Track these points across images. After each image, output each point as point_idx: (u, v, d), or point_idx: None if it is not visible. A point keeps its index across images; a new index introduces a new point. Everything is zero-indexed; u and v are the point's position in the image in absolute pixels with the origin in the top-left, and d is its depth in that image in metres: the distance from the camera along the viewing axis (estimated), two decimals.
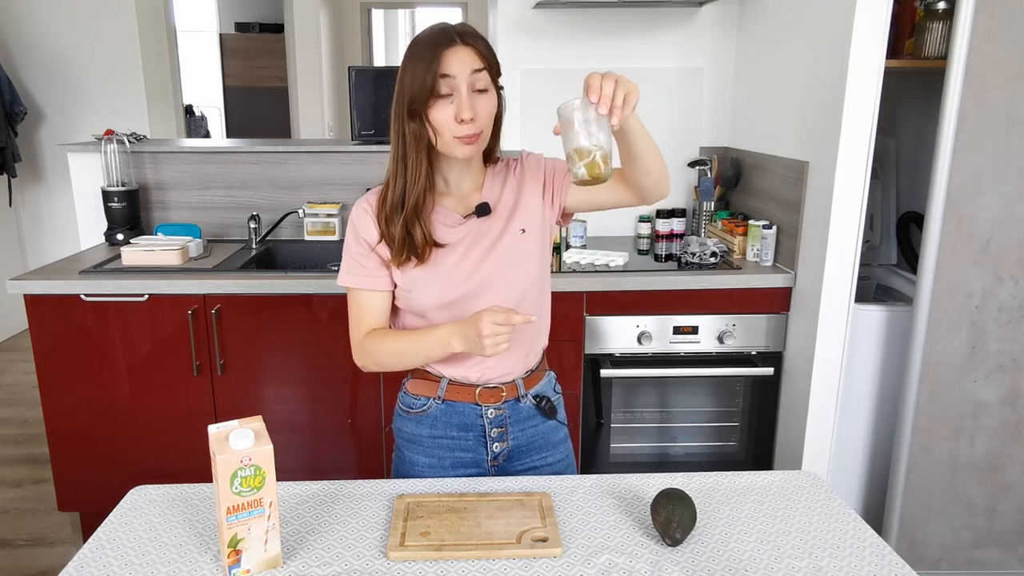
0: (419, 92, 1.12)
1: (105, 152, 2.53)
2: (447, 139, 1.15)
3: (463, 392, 1.29)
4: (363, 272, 1.25)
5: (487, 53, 1.16)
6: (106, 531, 1.09)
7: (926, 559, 2.07)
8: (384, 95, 2.60)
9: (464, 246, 1.24)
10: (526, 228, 1.26)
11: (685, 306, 2.21)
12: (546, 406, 1.34)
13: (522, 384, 1.32)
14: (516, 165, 1.31)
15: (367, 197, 1.27)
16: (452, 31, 1.14)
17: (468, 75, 1.12)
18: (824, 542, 1.08)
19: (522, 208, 1.27)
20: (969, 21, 1.74)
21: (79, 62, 4.15)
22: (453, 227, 1.25)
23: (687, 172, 2.73)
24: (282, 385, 2.23)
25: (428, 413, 1.31)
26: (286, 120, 5.82)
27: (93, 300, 2.12)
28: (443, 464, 1.32)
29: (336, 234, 2.63)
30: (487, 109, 1.16)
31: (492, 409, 1.30)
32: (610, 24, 2.60)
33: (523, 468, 1.35)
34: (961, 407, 1.96)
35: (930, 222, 1.87)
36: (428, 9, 7.49)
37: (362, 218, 1.25)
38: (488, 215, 1.25)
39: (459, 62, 1.12)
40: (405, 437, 1.35)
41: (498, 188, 1.28)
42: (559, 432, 1.38)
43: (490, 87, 1.16)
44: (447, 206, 1.26)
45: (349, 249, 1.27)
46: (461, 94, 1.12)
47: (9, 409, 3.40)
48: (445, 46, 1.12)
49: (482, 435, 1.31)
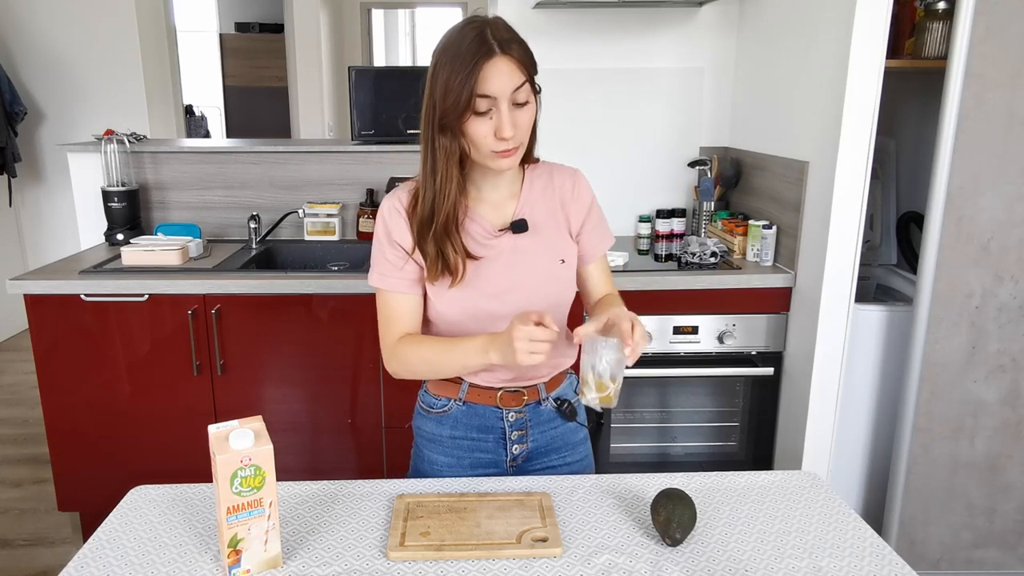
0: (453, 108, 1.07)
1: (105, 152, 2.53)
2: (485, 152, 1.11)
3: (484, 395, 1.28)
4: (396, 274, 1.20)
5: (526, 60, 1.10)
6: (106, 531, 1.09)
7: (926, 559, 2.07)
8: (384, 95, 2.60)
9: (501, 262, 1.21)
10: (565, 259, 1.24)
11: (685, 306, 2.21)
12: (567, 409, 1.33)
13: (543, 388, 1.30)
14: (562, 182, 1.26)
15: (398, 194, 1.21)
16: (490, 39, 1.06)
17: (509, 92, 1.07)
18: (824, 542, 1.08)
19: (561, 236, 1.25)
20: (969, 21, 1.74)
21: (79, 62, 4.15)
22: (487, 241, 1.21)
23: (687, 172, 2.73)
24: (282, 385, 2.23)
25: (449, 414, 1.30)
26: (286, 120, 5.82)
27: (93, 300, 2.12)
28: (462, 464, 1.31)
29: (336, 234, 2.63)
30: (527, 122, 1.11)
31: (513, 412, 1.29)
32: (610, 24, 2.60)
33: (541, 468, 1.34)
34: (961, 407, 1.96)
35: (930, 222, 1.87)
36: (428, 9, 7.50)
37: (395, 218, 1.20)
38: (524, 232, 1.21)
39: (499, 78, 1.06)
40: (425, 436, 1.34)
41: (536, 199, 1.24)
42: (578, 433, 1.37)
43: (530, 98, 1.10)
44: (481, 214, 1.21)
45: (381, 248, 1.21)
46: (502, 111, 1.07)
47: (9, 409, 3.40)
48: (484, 58, 1.05)
49: (502, 437, 1.30)
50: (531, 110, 1.12)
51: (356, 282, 2.13)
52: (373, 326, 1.21)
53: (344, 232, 2.68)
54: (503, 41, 1.07)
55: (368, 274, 1.24)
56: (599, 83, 2.64)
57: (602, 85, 2.64)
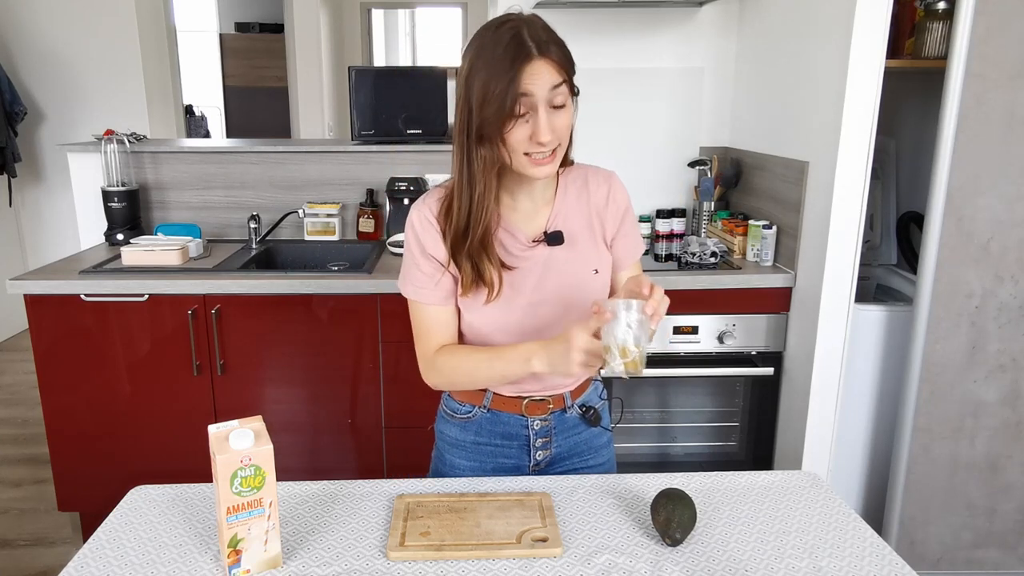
0: (496, 115, 1.01)
1: (105, 152, 2.53)
2: (521, 160, 1.06)
3: (509, 403, 1.26)
4: (430, 286, 1.17)
5: (565, 62, 1.05)
6: (106, 531, 1.09)
7: (926, 559, 2.07)
8: (384, 95, 2.60)
9: (535, 276, 1.17)
10: (599, 270, 1.21)
11: (685, 306, 2.21)
12: (591, 415, 1.31)
13: (569, 395, 1.29)
14: (597, 187, 1.22)
15: (428, 203, 1.16)
16: (528, 42, 1.01)
17: (547, 92, 1.02)
18: (824, 542, 1.08)
19: (595, 245, 1.21)
20: (969, 21, 1.74)
21: (79, 62, 4.15)
22: (520, 253, 1.17)
23: (687, 172, 2.72)
24: (282, 385, 2.23)
25: (473, 420, 1.28)
26: (286, 120, 5.82)
27: (93, 300, 2.12)
28: (485, 468, 1.30)
29: (336, 234, 2.63)
30: (565, 125, 1.06)
31: (538, 420, 1.27)
32: (610, 24, 2.60)
33: (563, 471, 1.33)
34: (961, 407, 1.96)
35: (930, 222, 1.87)
36: (428, 9, 7.50)
37: (427, 230, 1.15)
38: (560, 244, 1.17)
39: (538, 79, 1.01)
40: (448, 440, 1.32)
41: (571, 207, 1.20)
42: (602, 437, 1.36)
43: (568, 101, 1.05)
44: (514, 224, 1.17)
45: (414, 259, 1.17)
46: (539, 115, 1.02)
47: (9, 409, 3.40)
48: (522, 61, 1.00)
49: (526, 444, 1.29)
50: (568, 113, 1.07)
51: (356, 282, 2.13)
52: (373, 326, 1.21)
53: (344, 232, 2.68)
54: (541, 43, 1.02)
55: (399, 281, 1.21)
56: (599, 83, 2.64)
57: (602, 85, 2.64)
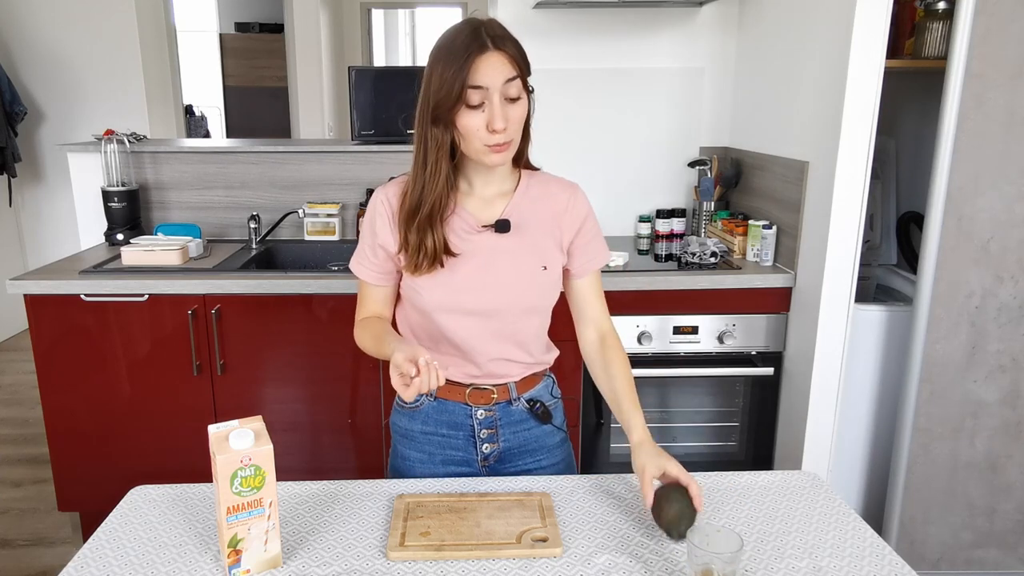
0: (445, 99, 1.09)
1: (105, 152, 2.53)
2: (477, 147, 1.13)
3: (454, 391, 1.29)
4: (373, 267, 1.27)
5: (519, 57, 1.12)
6: (106, 531, 1.09)
7: (926, 559, 2.07)
8: (384, 95, 2.60)
9: (480, 259, 1.22)
10: (548, 267, 1.25)
11: (685, 306, 2.21)
12: (539, 410, 1.32)
13: (515, 387, 1.30)
14: (559, 192, 1.27)
15: (390, 187, 1.25)
16: (484, 34, 1.09)
17: (500, 85, 1.09)
18: (824, 542, 1.08)
19: (549, 245, 1.25)
20: (969, 21, 1.74)
21: (79, 62, 4.15)
22: (468, 236, 1.22)
23: (687, 172, 2.73)
24: (282, 385, 2.23)
25: (421, 409, 1.31)
26: (286, 120, 5.82)
27: (93, 300, 2.12)
28: (434, 460, 1.32)
29: (336, 234, 2.63)
30: (519, 117, 1.13)
31: (482, 410, 1.29)
32: (610, 24, 2.60)
33: (516, 470, 1.34)
34: (961, 407, 1.96)
35: (930, 222, 1.87)
36: (428, 9, 7.50)
37: (381, 216, 1.23)
38: (506, 232, 1.22)
39: (491, 71, 1.08)
40: (399, 432, 1.35)
41: (528, 204, 1.25)
42: (555, 436, 1.37)
43: (522, 94, 1.13)
44: (468, 209, 1.23)
45: (364, 237, 1.28)
46: (493, 104, 1.09)
47: (9, 409, 3.40)
48: (476, 52, 1.07)
49: (471, 435, 1.31)
50: (523, 107, 1.14)
51: (356, 282, 2.12)
52: None
53: (344, 232, 2.68)
54: (496, 37, 1.10)
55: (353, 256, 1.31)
56: (599, 83, 2.64)
57: (602, 85, 2.64)
